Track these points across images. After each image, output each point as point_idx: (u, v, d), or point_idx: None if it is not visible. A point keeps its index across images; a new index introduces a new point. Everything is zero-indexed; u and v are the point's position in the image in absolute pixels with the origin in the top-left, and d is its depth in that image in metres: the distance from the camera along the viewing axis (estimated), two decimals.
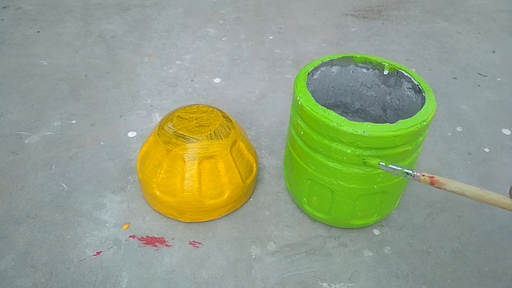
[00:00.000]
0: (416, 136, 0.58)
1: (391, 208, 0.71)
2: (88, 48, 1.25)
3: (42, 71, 1.13)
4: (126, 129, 0.94)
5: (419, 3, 1.65)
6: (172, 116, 0.72)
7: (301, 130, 0.62)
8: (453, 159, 0.89)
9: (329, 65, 0.71)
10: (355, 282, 0.65)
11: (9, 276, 0.63)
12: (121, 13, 1.48)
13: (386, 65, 0.69)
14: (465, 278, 0.66)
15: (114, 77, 1.12)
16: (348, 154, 0.57)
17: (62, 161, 0.84)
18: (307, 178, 0.66)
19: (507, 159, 0.89)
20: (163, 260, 0.66)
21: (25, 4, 1.51)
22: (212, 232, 0.71)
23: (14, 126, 0.93)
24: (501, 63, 1.26)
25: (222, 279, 0.64)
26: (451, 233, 0.73)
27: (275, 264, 0.67)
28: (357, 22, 1.49)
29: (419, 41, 1.37)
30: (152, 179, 0.69)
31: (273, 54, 1.26)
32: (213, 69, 1.17)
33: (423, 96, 0.63)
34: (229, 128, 0.71)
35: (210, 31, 1.38)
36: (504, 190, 0.81)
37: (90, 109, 1.00)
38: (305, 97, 0.60)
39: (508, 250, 0.70)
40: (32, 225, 0.71)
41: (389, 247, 0.70)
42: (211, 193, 0.69)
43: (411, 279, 0.65)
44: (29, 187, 0.78)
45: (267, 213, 0.75)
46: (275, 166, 0.85)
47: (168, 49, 1.26)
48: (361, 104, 0.77)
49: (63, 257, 0.66)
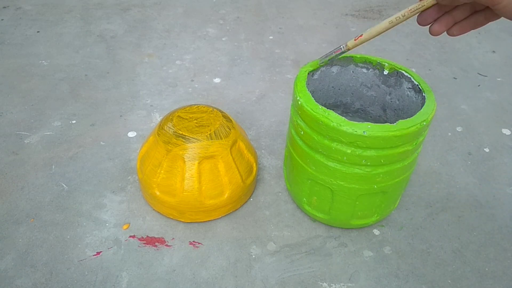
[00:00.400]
0: (416, 136, 0.58)
1: (391, 208, 0.71)
2: (88, 48, 1.25)
3: (42, 71, 1.13)
4: (126, 129, 0.94)
5: None
6: (172, 116, 0.72)
7: (301, 130, 0.62)
8: (453, 159, 0.89)
9: (329, 65, 0.71)
10: (355, 282, 0.65)
11: (9, 276, 0.63)
12: (121, 13, 1.48)
13: (386, 65, 0.69)
14: (465, 278, 0.66)
15: (114, 77, 1.12)
16: (348, 154, 0.58)
17: (62, 161, 0.84)
18: (307, 178, 0.66)
19: (507, 159, 0.89)
20: (163, 260, 0.66)
21: (25, 4, 1.51)
22: (212, 232, 0.71)
23: (14, 126, 0.93)
24: (501, 63, 1.26)
25: (222, 279, 0.64)
26: (451, 233, 0.73)
27: (275, 264, 0.67)
28: (357, 22, 1.49)
29: (419, 41, 1.37)
30: (152, 179, 0.69)
31: (273, 54, 1.26)
32: (213, 69, 1.17)
33: (423, 96, 0.63)
34: (229, 128, 0.71)
35: (210, 31, 1.39)
36: (504, 190, 0.82)
37: (90, 109, 1.00)
38: (305, 97, 0.60)
39: (508, 250, 0.70)
40: (32, 225, 0.71)
41: (389, 247, 0.70)
42: (211, 193, 0.69)
43: (411, 279, 0.65)
44: (29, 187, 0.78)
45: (267, 213, 0.75)
46: (275, 166, 0.85)
47: (168, 49, 1.26)
48: (361, 104, 0.77)
49: (63, 257, 0.66)
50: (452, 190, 0.81)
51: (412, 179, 0.83)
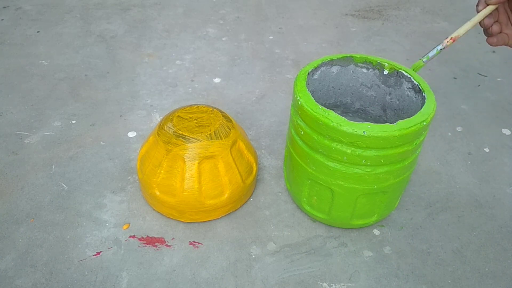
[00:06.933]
0: (416, 136, 0.58)
1: (391, 208, 0.71)
2: (88, 48, 1.25)
3: (42, 71, 1.13)
4: (126, 129, 0.94)
5: (419, 3, 1.65)
6: (172, 116, 0.72)
7: (301, 130, 0.62)
8: (453, 159, 0.89)
9: (329, 65, 0.71)
10: (355, 282, 0.65)
11: (9, 276, 0.63)
12: (121, 13, 1.48)
13: (386, 65, 0.69)
14: (465, 278, 0.66)
15: (114, 77, 1.12)
16: (348, 154, 0.58)
17: (62, 161, 0.84)
18: (307, 178, 0.66)
19: (507, 159, 0.89)
20: (163, 260, 0.66)
21: (25, 4, 1.51)
22: (212, 232, 0.71)
23: (14, 126, 0.93)
24: (501, 63, 1.26)
25: (222, 279, 0.64)
26: (451, 233, 0.73)
27: (275, 264, 0.67)
28: (357, 22, 1.49)
29: (419, 41, 1.37)
30: (152, 179, 0.69)
31: (273, 54, 1.26)
32: (213, 69, 1.17)
33: (423, 96, 0.63)
34: (229, 128, 0.71)
35: (210, 31, 1.39)
36: (504, 190, 0.82)
37: (90, 109, 1.00)
38: (305, 97, 0.60)
39: (508, 250, 0.70)
40: (32, 225, 0.71)
41: (389, 247, 0.70)
42: (211, 193, 0.69)
43: (411, 279, 0.65)
44: (29, 187, 0.78)
45: (267, 213, 0.75)
46: (275, 166, 0.85)
47: (168, 49, 1.26)
48: (361, 104, 0.77)
49: (63, 257, 0.66)
50: (452, 190, 0.81)
51: (412, 179, 0.83)
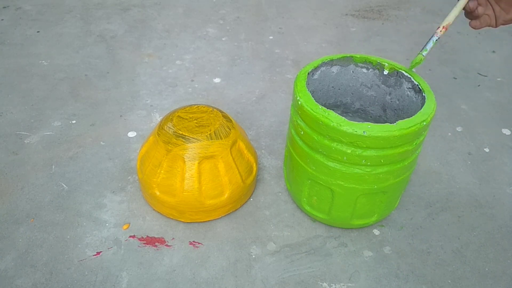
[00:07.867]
0: (416, 136, 0.58)
1: (391, 208, 0.71)
2: (88, 48, 1.25)
3: (42, 71, 1.13)
4: (126, 129, 0.94)
5: (419, 3, 1.65)
6: (172, 116, 0.72)
7: (301, 130, 0.62)
8: (453, 159, 0.89)
9: (329, 65, 0.71)
10: (355, 282, 0.65)
11: (9, 276, 0.63)
12: (121, 13, 1.48)
13: (386, 65, 0.69)
14: (465, 278, 0.66)
15: (114, 77, 1.12)
16: (348, 154, 0.57)
17: (62, 161, 0.84)
18: (307, 178, 0.66)
19: (507, 159, 0.89)
20: (163, 260, 0.66)
21: (25, 4, 1.51)
22: (212, 232, 0.71)
23: (14, 126, 0.93)
24: (501, 63, 1.26)
25: (222, 279, 0.64)
26: (451, 233, 0.73)
27: (275, 264, 0.67)
28: (357, 22, 1.49)
29: (419, 41, 1.37)
30: (152, 179, 0.69)
31: (273, 54, 1.26)
32: (213, 69, 1.17)
33: (423, 96, 0.63)
34: (229, 128, 0.71)
35: (210, 31, 1.39)
36: (504, 190, 0.82)
37: (90, 109, 1.00)
38: (305, 97, 0.60)
39: (508, 250, 0.70)
40: (32, 225, 0.71)
41: (389, 247, 0.70)
42: (211, 193, 0.69)
43: (411, 279, 0.65)
44: (29, 187, 0.78)
45: (267, 213, 0.75)
46: (275, 166, 0.85)
47: (168, 49, 1.26)
48: (361, 104, 0.77)
49: (63, 257, 0.66)
50: (452, 190, 0.81)
51: (412, 179, 0.83)
